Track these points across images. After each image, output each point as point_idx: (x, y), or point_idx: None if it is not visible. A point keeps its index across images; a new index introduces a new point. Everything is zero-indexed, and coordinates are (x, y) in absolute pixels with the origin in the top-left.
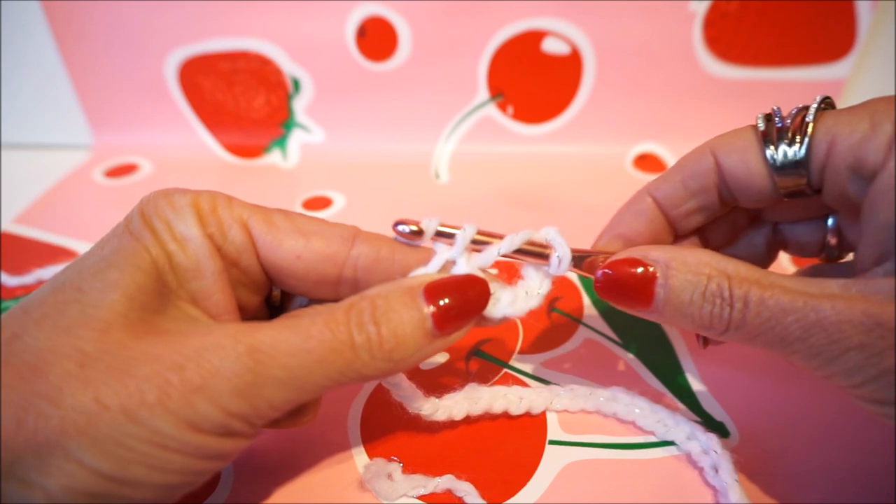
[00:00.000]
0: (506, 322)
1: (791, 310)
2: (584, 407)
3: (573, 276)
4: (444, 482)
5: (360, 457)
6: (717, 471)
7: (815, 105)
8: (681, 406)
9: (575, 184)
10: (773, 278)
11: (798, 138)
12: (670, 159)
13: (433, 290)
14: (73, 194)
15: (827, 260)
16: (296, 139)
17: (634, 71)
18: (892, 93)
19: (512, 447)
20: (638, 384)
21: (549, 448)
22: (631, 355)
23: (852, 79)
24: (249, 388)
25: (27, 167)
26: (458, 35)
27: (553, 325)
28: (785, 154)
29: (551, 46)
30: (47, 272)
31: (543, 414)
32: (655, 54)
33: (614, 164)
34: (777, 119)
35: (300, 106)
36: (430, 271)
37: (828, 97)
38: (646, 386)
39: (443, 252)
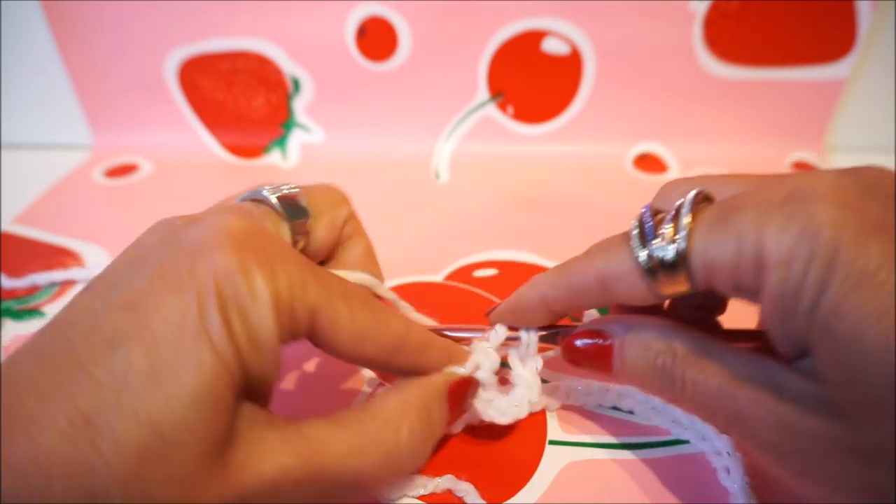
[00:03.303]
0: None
1: (716, 397)
2: (600, 402)
3: None
4: (444, 482)
5: None
6: (729, 472)
7: (685, 219)
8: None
9: (575, 184)
10: (714, 357)
11: (678, 266)
12: (670, 159)
13: (456, 392)
14: (73, 194)
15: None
16: (296, 139)
17: (634, 71)
18: (892, 93)
19: (512, 447)
20: None
21: (549, 448)
22: None
23: (852, 79)
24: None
25: (27, 167)
26: (458, 35)
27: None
28: (671, 284)
29: (551, 46)
30: (42, 277)
31: (543, 414)
32: (655, 54)
33: (614, 164)
34: (649, 233)
35: (300, 106)
36: (465, 372)
37: (701, 192)
38: None
39: (477, 354)
